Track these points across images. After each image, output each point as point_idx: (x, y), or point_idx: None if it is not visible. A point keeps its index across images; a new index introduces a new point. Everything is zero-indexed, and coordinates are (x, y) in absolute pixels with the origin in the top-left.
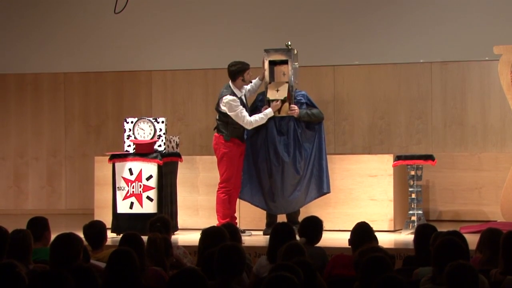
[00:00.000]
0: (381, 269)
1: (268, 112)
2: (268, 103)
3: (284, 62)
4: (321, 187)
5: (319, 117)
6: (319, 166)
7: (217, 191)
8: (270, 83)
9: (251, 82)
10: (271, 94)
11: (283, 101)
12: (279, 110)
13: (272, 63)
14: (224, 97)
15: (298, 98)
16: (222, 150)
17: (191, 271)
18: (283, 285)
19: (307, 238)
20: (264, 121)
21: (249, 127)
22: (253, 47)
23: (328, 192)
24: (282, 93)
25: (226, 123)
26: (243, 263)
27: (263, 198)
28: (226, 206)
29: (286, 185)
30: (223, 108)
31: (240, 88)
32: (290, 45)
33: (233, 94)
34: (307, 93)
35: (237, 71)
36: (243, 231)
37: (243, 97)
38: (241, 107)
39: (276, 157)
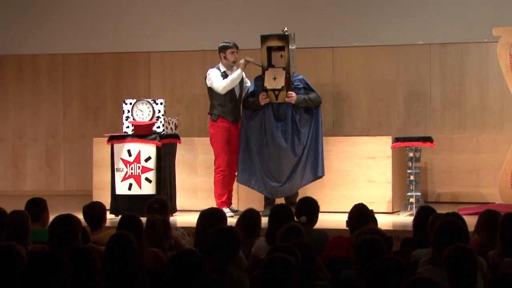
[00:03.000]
0: (375, 251)
1: (238, 72)
2: (266, 91)
3: (281, 49)
4: (316, 171)
5: (316, 102)
6: (315, 149)
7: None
8: (267, 69)
9: (234, 63)
10: (268, 83)
11: (280, 89)
12: (277, 97)
13: (269, 48)
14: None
15: (295, 83)
16: (210, 130)
17: (190, 253)
18: (281, 266)
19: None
20: (235, 80)
21: (222, 91)
22: (252, 28)
23: (323, 175)
24: (280, 81)
25: (211, 102)
26: (237, 245)
27: (261, 181)
28: (219, 186)
29: (283, 170)
30: (206, 80)
31: (227, 66)
32: (286, 31)
33: (218, 69)
34: (305, 77)
35: (220, 48)
36: (236, 211)
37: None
38: (217, 75)
39: (273, 142)
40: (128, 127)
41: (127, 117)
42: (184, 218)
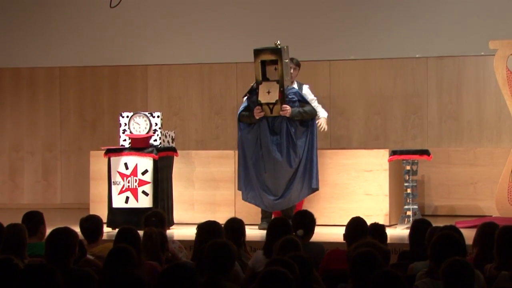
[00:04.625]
0: (370, 264)
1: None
2: (260, 105)
3: (275, 62)
4: (311, 183)
5: (312, 114)
6: (310, 161)
7: None
8: (261, 83)
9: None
10: (262, 97)
11: (275, 103)
12: (271, 110)
13: (263, 62)
14: None
15: (290, 96)
16: None
17: (182, 266)
18: (277, 279)
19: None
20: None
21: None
22: (249, 41)
23: (317, 188)
24: (274, 95)
25: None
26: (231, 259)
27: (258, 195)
28: None
29: (280, 183)
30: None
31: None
32: (279, 44)
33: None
34: (299, 90)
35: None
36: None
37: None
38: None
39: (269, 156)
40: (125, 140)
41: (124, 130)
42: (181, 231)
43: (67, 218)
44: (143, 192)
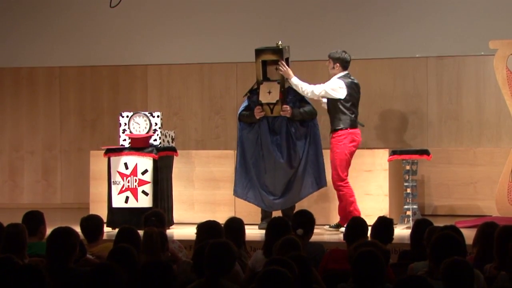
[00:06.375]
0: (372, 264)
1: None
2: (261, 105)
3: (276, 62)
4: (319, 182)
5: (312, 114)
6: (316, 161)
7: None
8: (262, 83)
9: None
10: (263, 97)
11: (275, 103)
12: (272, 110)
13: (264, 62)
14: None
15: (290, 96)
16: None
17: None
18: (276, 279)
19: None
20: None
21: None
22: (249, 41)
23: (325, 185)
24: (274, 95)
25: None
26: (232, 259)
27: (258, 195)
28: None
29: (279, 184)
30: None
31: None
32: (281, 44)
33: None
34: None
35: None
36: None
37: None
38: None
39: (269, 156)
40: (125, 140)
41: (124, 130)
42: (181, 231)
43: (67, 218)
44: (143, 192)
